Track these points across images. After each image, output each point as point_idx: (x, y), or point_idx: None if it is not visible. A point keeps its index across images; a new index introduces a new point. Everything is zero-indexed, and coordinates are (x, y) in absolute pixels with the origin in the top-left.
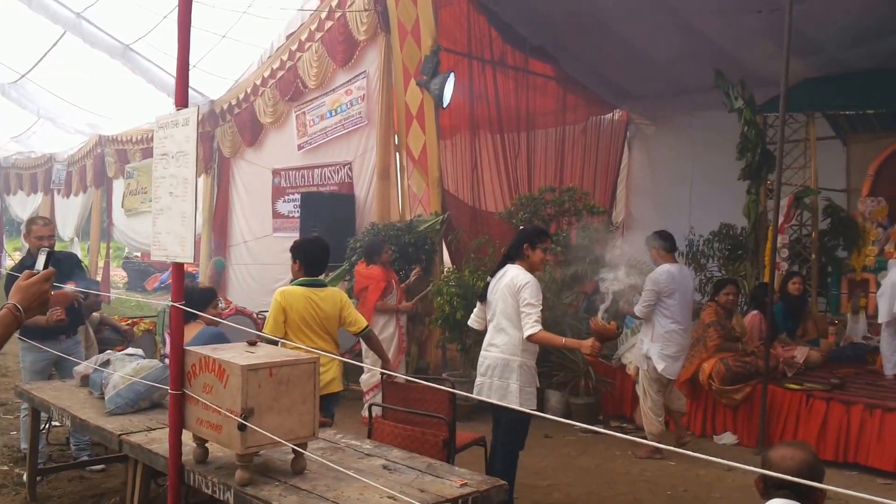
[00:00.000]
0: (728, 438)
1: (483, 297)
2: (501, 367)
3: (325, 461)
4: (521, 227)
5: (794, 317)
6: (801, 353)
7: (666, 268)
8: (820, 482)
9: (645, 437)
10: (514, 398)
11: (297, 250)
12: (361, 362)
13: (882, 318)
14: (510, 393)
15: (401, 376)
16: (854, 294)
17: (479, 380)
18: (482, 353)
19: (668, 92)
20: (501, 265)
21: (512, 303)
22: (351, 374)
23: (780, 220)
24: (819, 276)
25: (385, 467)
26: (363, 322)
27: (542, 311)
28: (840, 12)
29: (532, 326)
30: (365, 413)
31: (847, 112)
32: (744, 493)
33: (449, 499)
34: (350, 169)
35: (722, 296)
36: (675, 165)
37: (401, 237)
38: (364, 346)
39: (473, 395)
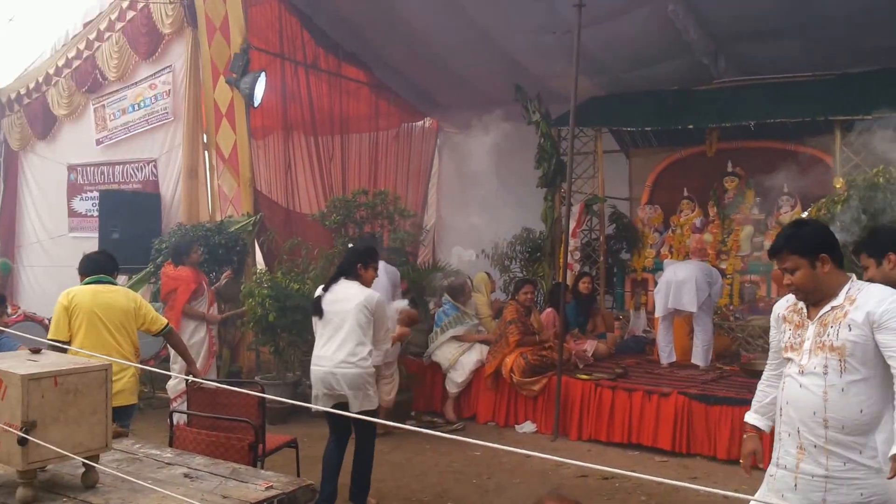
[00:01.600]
0: (528, 427)
1: (319, 311)
2: (365, 378)
3: (119, 473)
4: (352, 246)
5: (584, 313)
6: (590, 346)
7: None
8: None
9: (455, 430)
10: (374, 401)
11: (79, 266)
12: (168, 368)
13: (658, 312)
14: (370, 398)
15: (208, 381)
16: (635, 292)
17: (328, 392)
18: (335, 368)
19: (474, 103)
20: (334, 279)
21: (367, 318)
22: (158, 380)
23: (573, 225)
24: (606, 276)
25: (186, 476)
26: (163, 320)
27: None
28: (622, 38)
29: (389, 339)
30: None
31: (629, 128)
32: (541, 477)
33: (253, 502)
34: (155, 166)
35: (521, 294)
36: (482, 172)
37: (210, 238)
38: (172, 351)
39: (316, 406)
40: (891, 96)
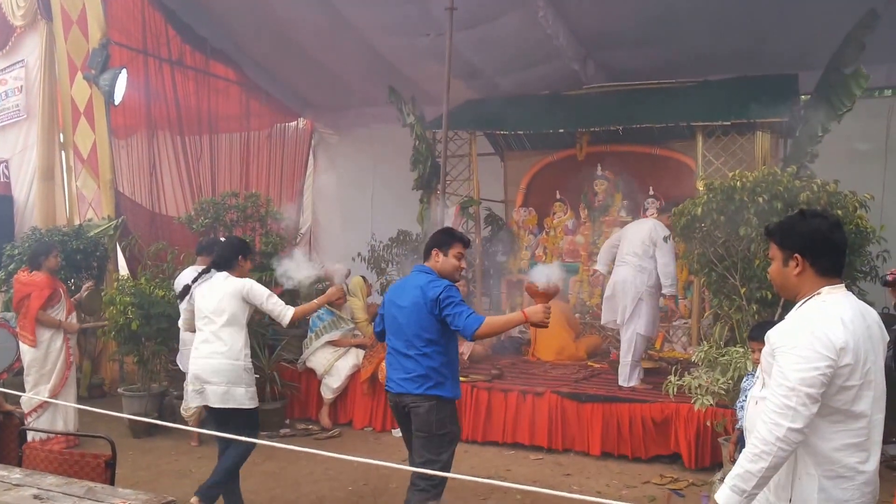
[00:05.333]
0: None
1: (186, 298)
2: (228, 371)
3: None
4: (228, 238)
5: None
6: (467, 349)
7: (187, 270)
8: None
9: (331, 437)
10: (244, 398)
11: None
12: (21, 381)
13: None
14: (238, 395)
15: (64, 403)
16: (511, 294)
17: (197, 386)
18: (202, 359)
19: (349, 104)
20: (207, 271)
21: (241, 308)
22: (11, 396)
23: None
24: (483, 279)
25: (37, 497)
26: None
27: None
28: (495, 43)
29: (287, 309)
30: (30, 438)
31: (502, 131)
32: None
33: None
34: (6, 167)
35: None
36: (358, 174)
37: (68, 243)
38: (26, 361)
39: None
40: (746, 103)
